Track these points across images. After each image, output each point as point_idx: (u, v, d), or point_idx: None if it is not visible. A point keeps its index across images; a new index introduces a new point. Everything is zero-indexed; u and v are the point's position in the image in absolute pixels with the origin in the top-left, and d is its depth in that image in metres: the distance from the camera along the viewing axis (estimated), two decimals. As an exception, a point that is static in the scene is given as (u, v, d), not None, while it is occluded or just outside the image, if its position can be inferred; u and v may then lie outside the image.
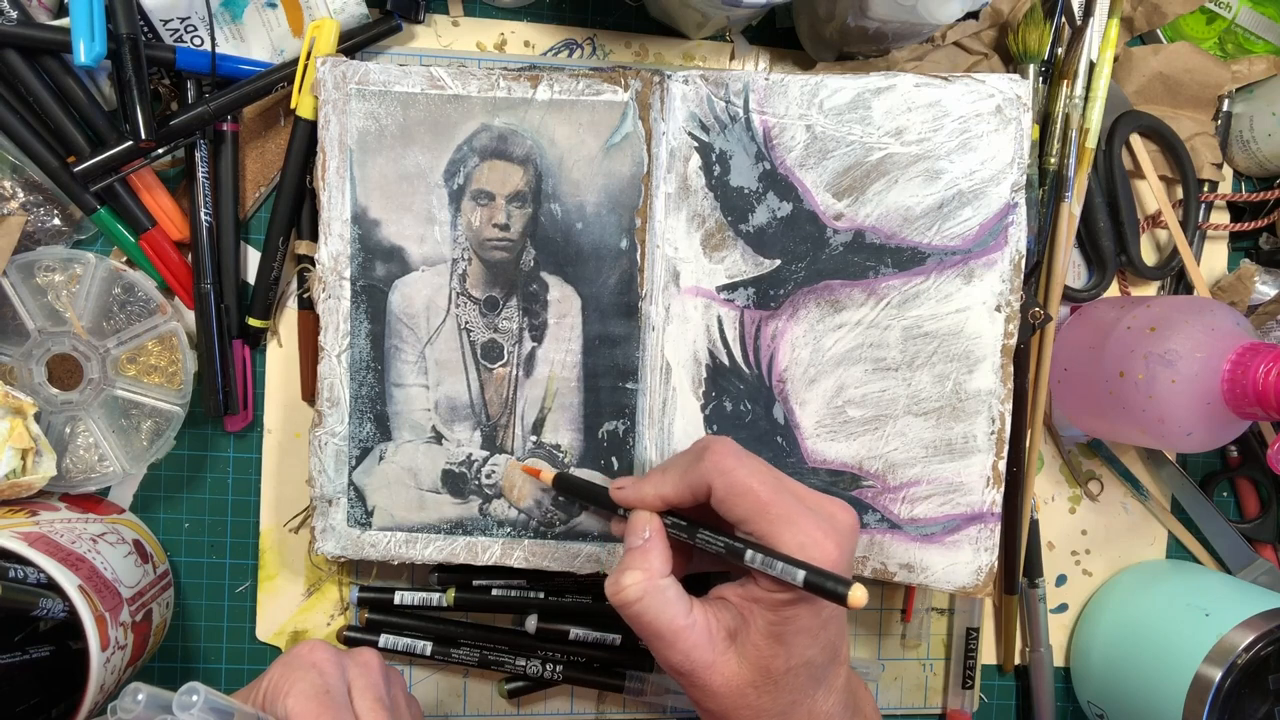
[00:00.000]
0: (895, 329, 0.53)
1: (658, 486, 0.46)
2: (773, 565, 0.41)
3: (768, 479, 0.43)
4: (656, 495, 0.46)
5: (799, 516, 0.42)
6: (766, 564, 0.41)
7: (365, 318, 0.53)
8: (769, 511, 0.42)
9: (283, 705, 0.39)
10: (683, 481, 0.44)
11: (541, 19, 0.59)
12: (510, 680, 0.59)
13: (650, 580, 0.43)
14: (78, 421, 0.53)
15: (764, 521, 0.42)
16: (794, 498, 0.43)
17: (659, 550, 0.44)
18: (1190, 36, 0.64)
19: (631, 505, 0.47)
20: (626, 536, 0.46)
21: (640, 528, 0.45)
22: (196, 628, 0.57)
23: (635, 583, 0.43)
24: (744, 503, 0.42)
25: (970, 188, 0.52)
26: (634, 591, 0.43)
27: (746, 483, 0.42)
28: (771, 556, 0.41)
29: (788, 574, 0.40)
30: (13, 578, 0.45)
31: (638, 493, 0.46)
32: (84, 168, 0.51)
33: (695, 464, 0.44)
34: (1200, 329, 0.53)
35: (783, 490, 0.43)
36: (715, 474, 0.43)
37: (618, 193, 0.52)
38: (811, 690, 0.44)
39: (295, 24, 0.54)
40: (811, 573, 0.40)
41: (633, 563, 0.44)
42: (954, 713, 0.63)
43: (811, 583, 0.40)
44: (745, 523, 0.42)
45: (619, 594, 0.43)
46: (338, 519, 0.54)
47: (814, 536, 0.41)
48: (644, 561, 0.44)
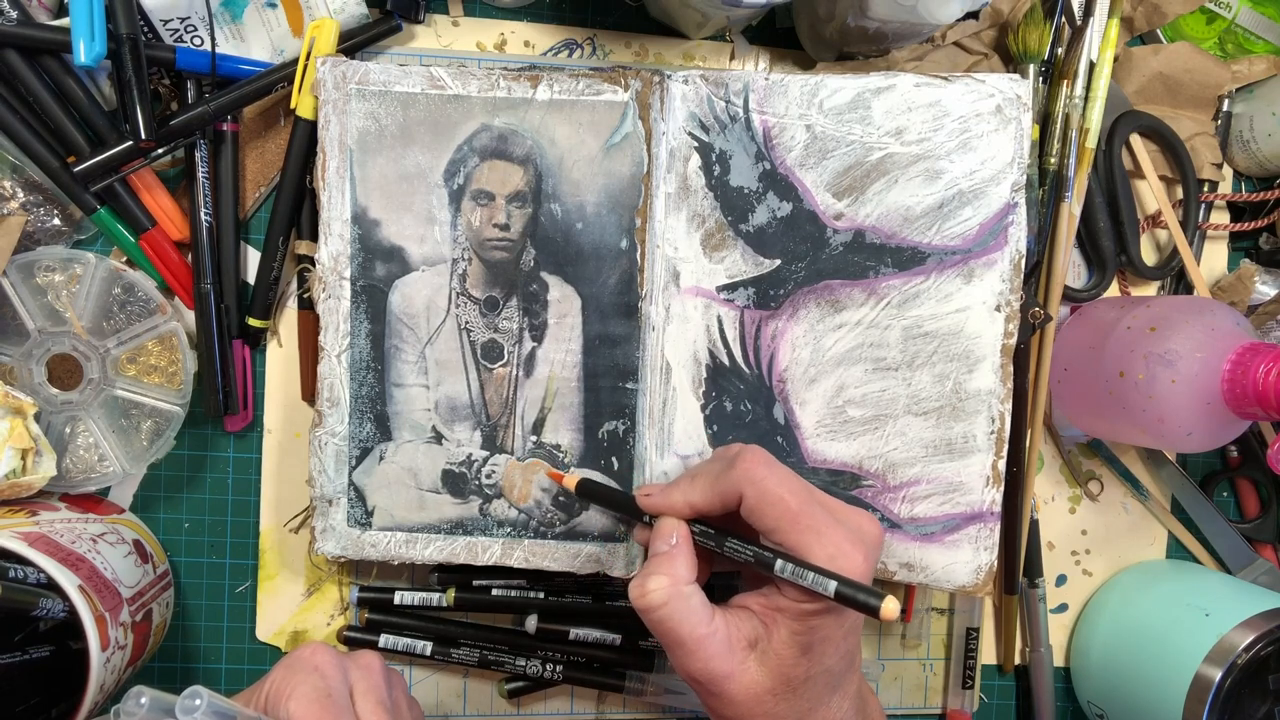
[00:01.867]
0: (895, 329, 0.53)
1: (686, 494, 0.45)
2: (804, 576, 0.41)
3: (798, 489, 0.43)
4: (685, 502, 0.45)
5: (828, 528, 0.42)
6: (797, 574, 0.41)
7: (365, 318, 0.53)
8: (799, 522, 0.42)
9: (285, 708, 0.39)
10: (713, 489, 0.44)
11: (541, 19, 0.59)
12: (510, 680, 0.59)
13: (675, 586, 0.43)
14: (78, 421, 0.53)
15: (794, 532, 0.42)
16: (823, 509, 0.43)
17: (685, 557, 0.44)
18: (1190, 36, 0.64)
19: (660, 512, 0.46)
20: (652, 542, 0.45)
21: (668, 533, 0.45)
22: (196, 628, 0.57)
23: (661, 588, 0.42)
24: (774, 512, 0.42)
25: (970, 187, 0.52)
26: (658, 596, 0.42)
27: (777, 492, 0.42)
28: (802, 567, 0.41)
29: (819, 585, 0.40)
30: (13, 578, 0.45)
31: (666, 499, 0.46)
32: (84, 168, 0.51)
33: (726, 472, 0.44)
34: (1200, 329, 0.53)
35: (812, 501, 0.43)
36: (746, 483, 0.43)
37: (618, 193, 0.52)
38: (827, 698, 0.44)
39: (295, 24, 0.54)
40: (843, 584, 0.40)
41: (658, 568, 0.43)
42: (954, 713, 0.63)
43: (843, 594, 0.40)
44: (775, 532, 0.42)
45: (643, 598, 0.43)
46: (338, 519, 0.54)
47: (843, 548, 0.41)
48: (670, 567, 0.43)
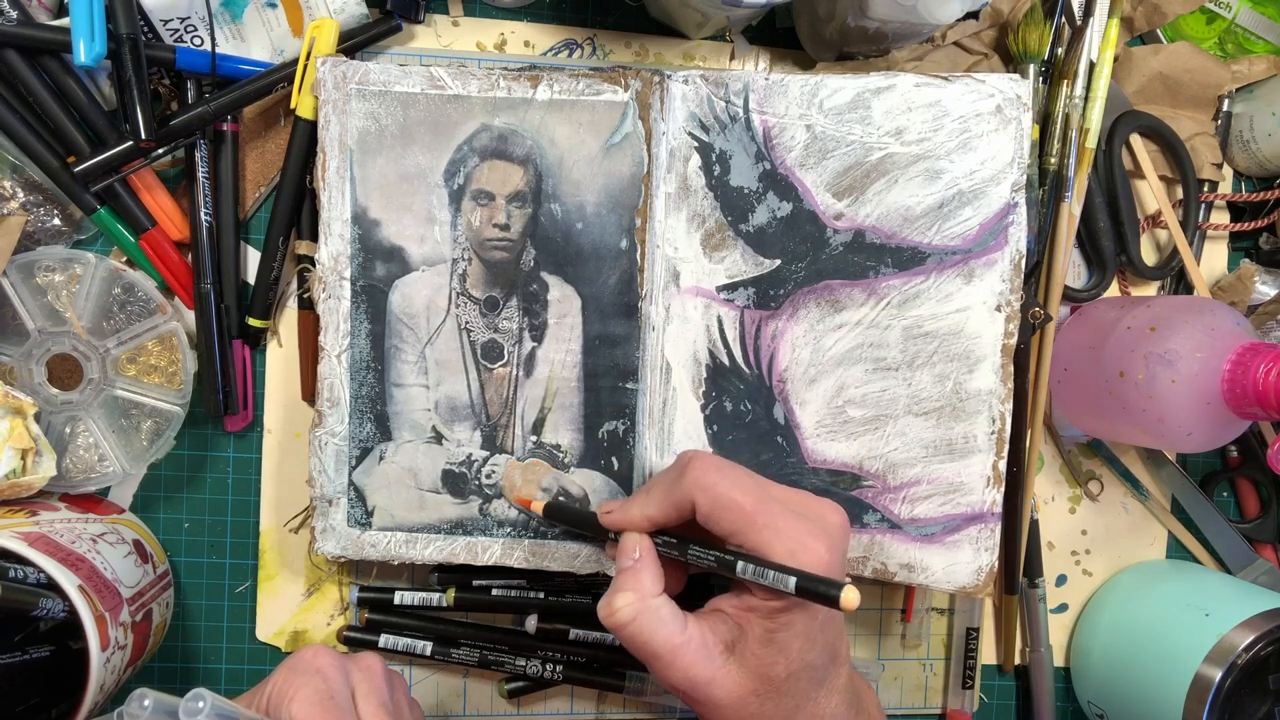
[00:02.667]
0: (895, 329, 0.53)
1: (643, 507, 0.46)
2: (764, 575, 0.41)
3: (750, 489, 0.43)
4: (643, 516, 0.45)
5: (785, 523, 0.42)
6: (758, 574, 0.41)
7: (365, 318, 0.53)
8: (755, 522, 0.42)
9: (287, 711, 0.39)
10: (667, 500, 0.44)
11: (541, 19, 0.59)
12: (510, 680, 0.58)
13: (642, 600, 0.43)
14: (78, 421, 0.53)
15: (751, 533, 0.42)
16: (779, 504, 0.43)
17: (650, 570, 0.44)
18: (1190, 36, 0.64)
19: (620, 528, 0.47)
20: (617, 559, 0.45)
21: (630, 549, 0.45)
22: (196, 628, 0.57)
23: (628, 604, 0.42)
24: (729, 516, 0.42)
25: (970, 187, 0.52)
26: (626, 613, 0.42)
27: (729, 495, 0.42)
28: (762, 566, 0.41)
29: (780, 582, 0.40)
30: (13, 578, 0.45)
31: (625, 515, 0.46)
32: (84, 168, 0.51)
33: (677, 481, 0.44)
34: (1200, 329, 0.53)
35: (767, 499, 0.43)
36: (697, 490, 0.43)
37: (618, 193, 0.52)
38: (813, 693, 0.43)
39: (295, 24, 0.54)
40: (802, 579, 0.40)
41: (624, 584, 0.43)
42: (954, 713, 0.63)
43: (803, 588, 0.40)
44: (734, 535, 0.42)
45: (612, 616, 0.43)
46: (338, 519, 0.54)
47: (803, 541, 0.41)
48: (635, 582, 0.43)
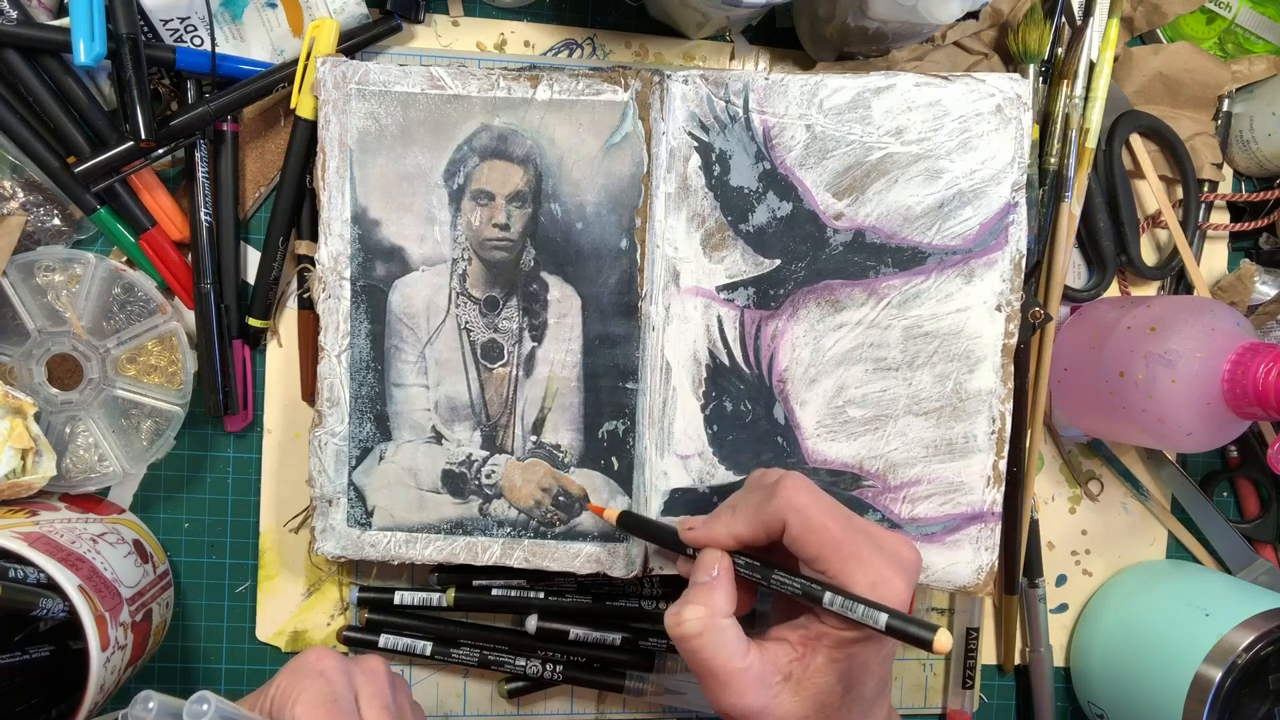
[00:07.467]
0: (895, 329, 0.53)
1: (729, 525, 0.45)
2: (854, 609, 0.41)
3: (839, 516, 0.43)
4: (729, 534, 0.45)
5: (869, 555, 0.42)
6: (847, 607, 0.41)
7: (365, 318, 0.53)
8: (842, 550, 0.42)
9: (291, 713, 0.39)
10: (756, 519, 0.44)
11: (541, 19, 0.59)
12: (510, 680, 0.58)
13: (712, 618, 0.42)
14: (78, 421, 0.53)
15: (837, 560, 0.42)
16: (865, 535, 0.43)
17: (724, 589, 0.44)
18: (1190, 36, 0.64)
19: (703, 544, 0.46)
20: (694, 573, 0.45)
21: (710, 565, 0.44)
22: (196, 628, 0.57)
23: (697, 618, 0.42)
24: (817, 540, 0.42)
25: (970, 187, 0.52)
26: (694, 626, 0.42)
27: (820, 520, 0.42)
28: (852, 600, 0.41)
29: (869, 617, 0.40)
30: (13, 578, 0.45)
31: (709, 532, 0.46)
32: (84, 168, 0.51)
33: (768, 501, 0.44)
34: (1200, 329, 0.53)
35: (854, 529, 0.43)
36: (790, 511, 0.43)
37: (618, 192, 0.52)
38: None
39: (295, 24, 0.54)
40: (894, 616, 0.40)
41: (697, 597, 0.43)
42: (954, 713, 0.63)
43: (894, 627, 0.39)
44: (817, 560, 0.42)
45: (679, 626, 0.42)
46: (338, 519, 0.53)
47: (884, 575, 0.41)
48: (708, 598, 0.43)
